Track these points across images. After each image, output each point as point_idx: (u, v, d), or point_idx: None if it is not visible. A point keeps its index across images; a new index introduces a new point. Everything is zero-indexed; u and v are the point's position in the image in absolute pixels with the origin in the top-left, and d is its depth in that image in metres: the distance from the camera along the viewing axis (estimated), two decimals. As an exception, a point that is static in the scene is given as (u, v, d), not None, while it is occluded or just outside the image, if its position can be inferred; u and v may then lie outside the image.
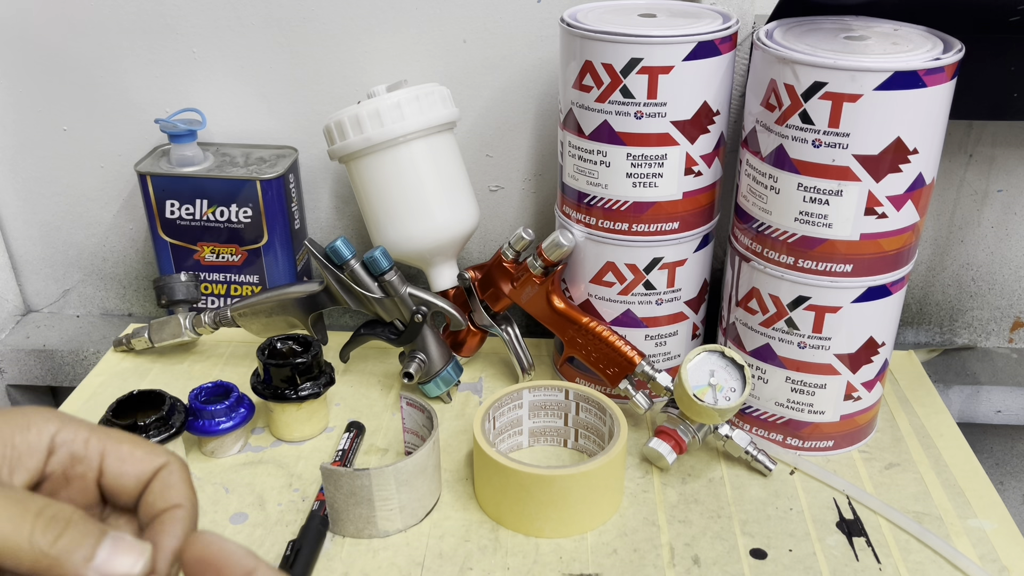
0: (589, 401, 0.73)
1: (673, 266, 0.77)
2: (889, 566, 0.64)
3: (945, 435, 0.79)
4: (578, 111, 0.73)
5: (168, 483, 0.33)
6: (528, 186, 0.93)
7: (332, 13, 0.85)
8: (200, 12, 0.86)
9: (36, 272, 1.02)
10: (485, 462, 0.67)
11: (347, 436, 0.75)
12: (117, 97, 0.91)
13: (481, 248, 0.97)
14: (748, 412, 0.77)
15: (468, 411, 0.81)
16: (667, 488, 0.72)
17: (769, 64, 0.65)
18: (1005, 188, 0.90)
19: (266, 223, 0.88)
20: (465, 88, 0.88)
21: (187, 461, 0.64)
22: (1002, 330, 0.98)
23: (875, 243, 0.67)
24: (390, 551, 0.65)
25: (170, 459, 0.34)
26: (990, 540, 0.67)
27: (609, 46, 0.68)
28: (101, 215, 0.98)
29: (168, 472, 0.33)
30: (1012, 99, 0.80)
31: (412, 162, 0.80)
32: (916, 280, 0.95)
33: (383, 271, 0.77)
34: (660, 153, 0.71)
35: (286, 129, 0.91)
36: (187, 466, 0.34)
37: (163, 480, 0.33)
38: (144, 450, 0.34)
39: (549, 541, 0.66)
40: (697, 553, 0.65)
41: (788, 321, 0.71)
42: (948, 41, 0.66)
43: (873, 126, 0.62)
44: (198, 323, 0.85)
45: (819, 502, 0.70)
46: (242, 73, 0.89)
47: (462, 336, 0.86)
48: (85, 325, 1.02)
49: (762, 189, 0.69)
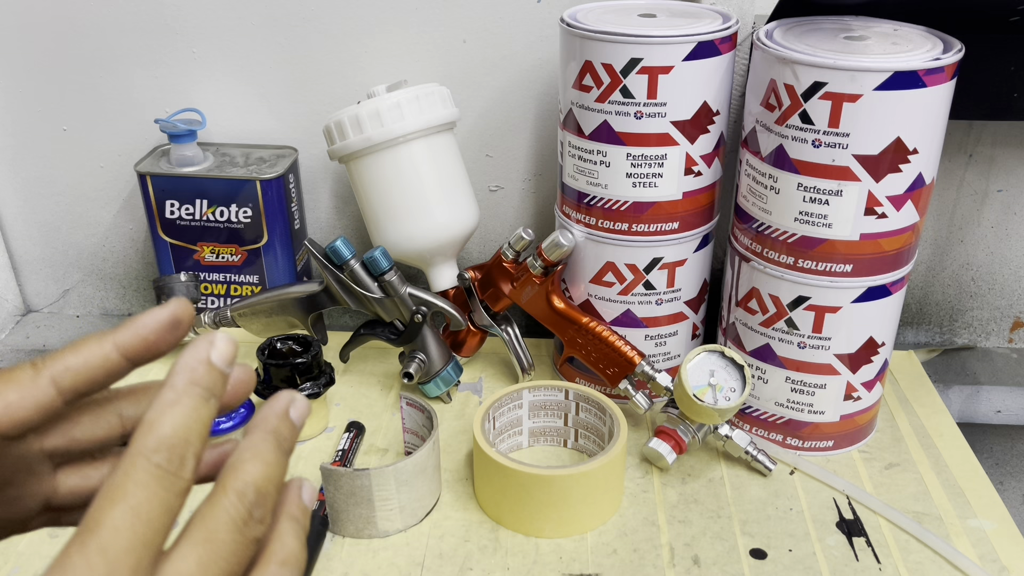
0: (589, 401, 0.73)
1: (673, 266, 0.76)
2: (889, 566, 0.64)
3: (945, 435, 0.79)
4: (578, 111, 0.73)
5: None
6: (528, 186, 0.93)
7: (332, 13, 0.85)
8: (200, 12, 0.86)
9: (36, 272, 1.02)
10: (485, 462, 0.67)
11: (347, 436, 0.75)
12: (117, 97, 0.91)
13: (481, 248, 0.97)
14: (748, 412, 0.77)
15: (468, 411, 0.81)
16: (667, 488, 0.72)
17: (769, 64, 0.65)
18: (1005, 188, 0.90)
19: (266, 223, 0.88)
20: (465, 88, 0.88)
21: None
22: (1002, 330, 0.98)
23: (875, 243, 0.67)
24: (390, 551, 0.65)
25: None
26: (990, 540, 0.67)
27: (609, 46, 0.68)
28: (101, 215, 0.98)
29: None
30: (1012, 99, 0.80)
31: (412, 162, 0.80)
32: (916, 280, 0.95)
33: (383, 271, 0.77)
34: (660, 153, 0.71)
35: (286, 129, 0.91)
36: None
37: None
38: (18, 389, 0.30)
39: (549, 541, 0.66)
40: (697, 553, 0.65)
41: (788, 321, 0.71)
42: (948, 41, 0.66)
43: (873, 126, 0.62)
44: (198, 323, 0.85)
45: (819, 502, 0.70)
46: (242, 73, 0.89)
47: (462, 336, 0.86)
48: (85, 325, 1.02)
49: (762, 189, 0.69)
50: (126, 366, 0.31)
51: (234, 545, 0.28)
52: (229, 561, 0.28)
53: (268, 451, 0.30)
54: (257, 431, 0.31)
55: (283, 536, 0.31)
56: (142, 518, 0.26)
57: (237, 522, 0.28)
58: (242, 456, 0.30)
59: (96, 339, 0.31)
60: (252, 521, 0.29)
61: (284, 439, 0.31)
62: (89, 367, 0.30)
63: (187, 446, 0.28)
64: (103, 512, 0.26)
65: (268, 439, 0.31)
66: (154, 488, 0.27)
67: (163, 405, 0.28)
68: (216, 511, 0.28)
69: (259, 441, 0.30)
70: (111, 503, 0.26)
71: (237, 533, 0.28)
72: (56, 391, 0.30)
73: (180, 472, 0.27)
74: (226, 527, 0.28)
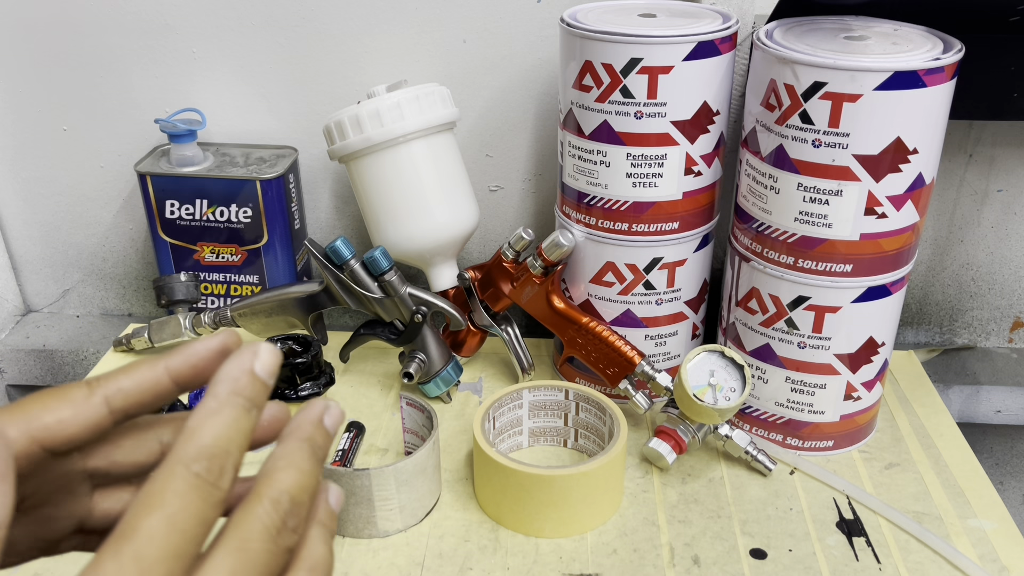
0: (589, 401, 0.73)
1: (673, 266, 0.76)
2: (889, 566, 0.64)
3: (945, 435, 0.79)
4: (578, 111, 0.73)
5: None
6: (528, 186, 0.93)
7: (332, 13, 0.85)
8: (200, 12, 0.86)
9: (36, 272, 1.02)
10: (485, 462, 0.67)
11: (347, 436, 0.75)
12: (117, 97, 0.91)
13: (481, 248, 0.97)
14: (748, 412, 0.77)
15: (468, 411, 0.81)
16: (667, 488, 0.72)
17: (769, 64, 0.65)
18: (1005, 188, 0.90)
19: (266, 223, 0.88)
20: (465, 88, 0.88)
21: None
22: (1002, 330, 0.98)
23: (875, 243, 0.67)
24: (390, 551, 0.65)
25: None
26: (990, 540, 0.67)
27: (609, 46, 0.68)
28: (101, 215, 0.98)
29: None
30: (1012, 99, 0.80)
31: (412, 162, 0.80)
32: (916, 280, 0.95)
33: (383, 271, 0.77)
34: (660, 153, 0.71)
35: (286, 129, 0.91)
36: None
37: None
38: (61, 401, 0.31)
39: (549, 541, 0.66)
40: (697, 553, 0.65)
41: (788, 321, 0.71)
42: (948, 41, 0.66)
43: (873, 126, 0.62)
44: (198, 323, 0.85)
45: (819, 502, 0.70)
46: (242, 73, 0.89)
47: (462, 336, 0.86)
48: (85, 325, 1.02)
49: (762, 189, 0.69)
50: (175, 391, 0.32)
51: (267, 555, 0.28)
52: (261, 571, 0.28)
53: (303, 459, 0.30)
54: (291, 438, 0.31)
55: (312, 542, 0.30)
56: (177, 528, 0.26)
57: (271, 531, 0.28)
58: (276, 464, 0.30)
59: (149, 363, 0.31)
60: (286, 530, 0.29)
61: (318, 447, 0.31)
62: (141, 390, 0.31)
63: (227, 456, 0.28)
64: (139, 519, 0.26)
65: (303, 447, 0.30)
66: (191, 497, 0.27)
67: (204, 414, 0.28)
68: (250, 519, 0.28)
69: (294, 449, 0.30)
70: (147, 510, 0.26)
71: (271, 542, 0.28)
72: (108, 411, 0.30)
73: (218, 483, 0.27)
74: (260, 536, 0.28)
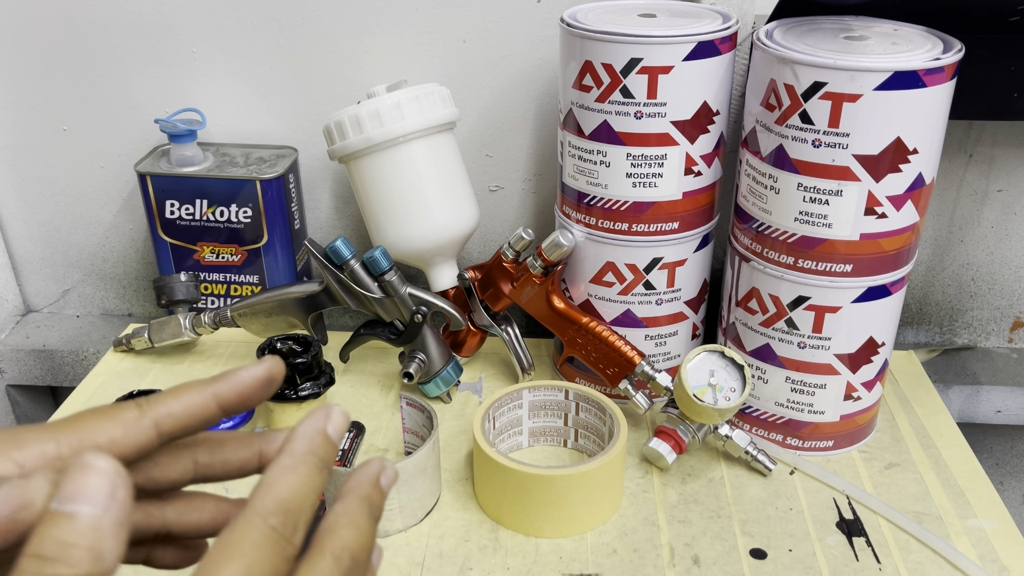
0: (589, 401, 0.73)
1: (673, 266, 0.76)
2: (889, 566, 0.64)
3: (945, 435, 0.79)
4: (578, 111, 0.73)
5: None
6: (528, 186, 0.93)
7: (332, 13, 0.85)
8: (200, 12, 0.86)
9: (36, 272, 1.02)
10: (485, 462, 0.67)
11: (347, 436, 0.75)
12: (117, 97, 0.91)
13: (481, 248, 0.97)
14: (748, 412, 0.77)
15: (468, 411, 0.81)
16: (667, 488, 0.72)
17: (769, 64, 0.65)
18: (1005, 188, 0.90)
19: (266, 223, 0.88)
20: (465, 88, 0.88)
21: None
22: (1002, 330, 0.98)
23: (875, 243, 0.67)
24: (390, 551, 0.65)
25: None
26: (990, 540, 0.67)
27: (609, 46, 0.68)
28: (101, 215, 0.98)
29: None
30: (1012, 99, 0.80)
31: (412, 162, 0.80)
32: (916, 280, 0.95)
33: (383, 271, 0.77)
34: (660, 153, 0.71)
35: (286, 129, 0.91)
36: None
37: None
38: (116, 421, 0.32)
39: (549, 541, 0.66)
40: (697, 553, 0.65)
41: (788, 321, 0.71)
42: (948, 41, 0.66)
43: (873, 126, 0.62)
44: (198, 323, 0.85)
45: (819, 502, 0.70)
46: (242, 73, 0.89)
47: (462, 336, 0.86)
48: (85, 325, 1.02)
49: (762, 189, 0.69)
50: (220, 416, 0.33)
51: None
52: None
53: (362, 518, 0.31)
54: (351, 497, 0.32)
55: None
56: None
57: None
58: (339, 520, 0.31)
59: (198, 388, 0.32)
60: None
61: (375, 507, 0.32)
62: (189, 414, 0.32)
63: (300, 513, 0.29)
64: (218, 566, 0.27)
65: (362, 506, 0.32)
66: (267, 550, 0.28)
67: (281, 470, 0.29)
68: (314, 573, 0.29)
69: (354, 508, 0.32)
70: (227, 559, 0.27)
71: None
72: (156, 433, 0.31)
73: (292, 538, 0.29)
74: None
